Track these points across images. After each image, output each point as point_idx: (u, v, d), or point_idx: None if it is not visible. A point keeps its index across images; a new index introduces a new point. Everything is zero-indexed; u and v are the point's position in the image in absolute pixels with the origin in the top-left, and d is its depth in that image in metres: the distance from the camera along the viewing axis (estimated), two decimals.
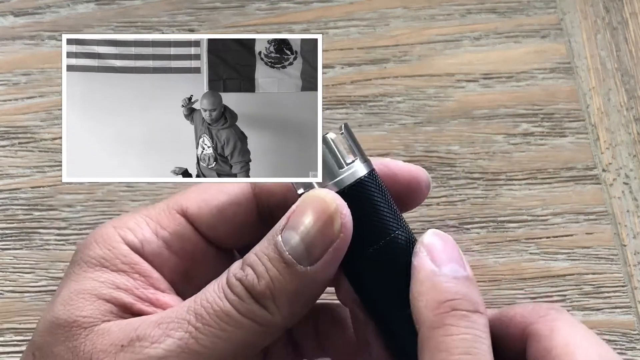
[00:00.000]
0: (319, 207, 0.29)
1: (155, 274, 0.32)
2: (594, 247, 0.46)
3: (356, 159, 0.31)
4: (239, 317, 0.29)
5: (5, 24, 0.52)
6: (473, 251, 0.46)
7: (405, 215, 0.34)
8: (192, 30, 0.52)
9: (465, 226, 0.46)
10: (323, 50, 0.51)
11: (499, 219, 0.46)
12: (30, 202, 0.46)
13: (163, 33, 0.51)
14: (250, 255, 0.30)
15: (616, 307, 0.44)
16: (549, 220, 0.46)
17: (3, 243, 0.46)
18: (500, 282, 0.45)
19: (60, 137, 0.48)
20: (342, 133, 0.32)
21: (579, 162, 0.48)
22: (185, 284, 0.33)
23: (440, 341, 0.28)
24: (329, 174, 0.31)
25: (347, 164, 0.31)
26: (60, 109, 0.49)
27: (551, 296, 0.44)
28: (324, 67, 0.51)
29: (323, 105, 0.50)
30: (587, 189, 0.47)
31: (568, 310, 0.44)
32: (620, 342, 0.43)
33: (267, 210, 0.33)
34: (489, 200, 0.47)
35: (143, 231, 0.32)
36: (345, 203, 0.30)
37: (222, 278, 0.30)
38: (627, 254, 0.45)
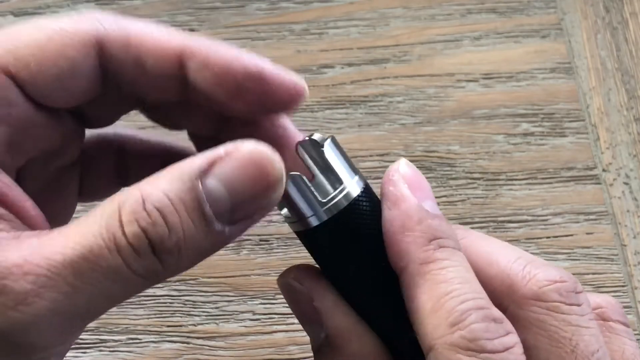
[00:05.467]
0: (262, 168, 0.25)
1: None
2: (594, 247, 0.46)
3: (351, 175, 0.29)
4: (128, 274, 0.24)
5: (5, 24, 0.52)
6: None
7: None
8: (192, 30, 0.52)
9: (466, 226, 0.46)
10: (323, 50, 0.51)
11: (499, 219, 0.46)
12: None
13: None
14: (157, 194, 0.24)
15: None
16: (549, 220, 0.46)
17: None
18: None
19: None
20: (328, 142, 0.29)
21: (579, 162, 0.48)
22: (12, 152, 0.27)
23: (436, 273, 0.27)
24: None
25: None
26: None
27: None
28: (324, 67, 0.51)
29: (323, 105, 0.50)
30: (587, 189, 0.47)
31: None
32: None
33: (114, 75, 0.28)
34: (489, 200, 0.47)
35: None
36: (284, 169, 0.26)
37: (113, 217, 0.24)
38: (627, 254, 0.45)
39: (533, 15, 0.52)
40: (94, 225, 0.24)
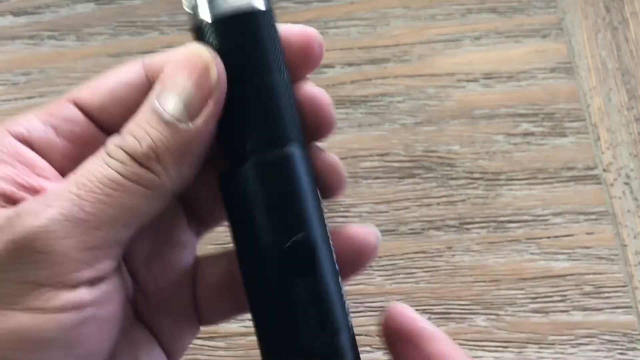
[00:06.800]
0: (189, 60, 0.29)
1: (41, 163, 0.30)
2: (595, 247, 0.46)
3: None
4: (123, 181, 0.28)
5: (5, 23, 0.52)
6: (473, 251, 0.45)
7: (404, 216, 0.34)
8: None
9: (466, 226, 0.46)
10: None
11: (500, 219, 0.46)
12: None
13: (163, 33, 0.51)
14: (129, 124, 0.29)
15: (617, 308, 0.44)
16: (549, 220, 0.46)
17: None
18: (500, 282, 0.45)
19: None
20: None
21: (580, 162, 0.48)
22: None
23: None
24: None
25: None
26: None
27: (551, 296, 0.44)
28: (324, 66, 0.50)
29: None
30: (587, 189, 0.47)
31: (568, 311, 0.44)
32: (621, 343, 0.43)
33: None
34: (489, 200, 0.47)
35: (30, 122, 0.31)
36: (217, 55, 0.28)
37: (101, 149, 0.29)
38: (627, 254, 0.45)
39: (533, 15, 0.52)
40: (91, 157, 0.29)
